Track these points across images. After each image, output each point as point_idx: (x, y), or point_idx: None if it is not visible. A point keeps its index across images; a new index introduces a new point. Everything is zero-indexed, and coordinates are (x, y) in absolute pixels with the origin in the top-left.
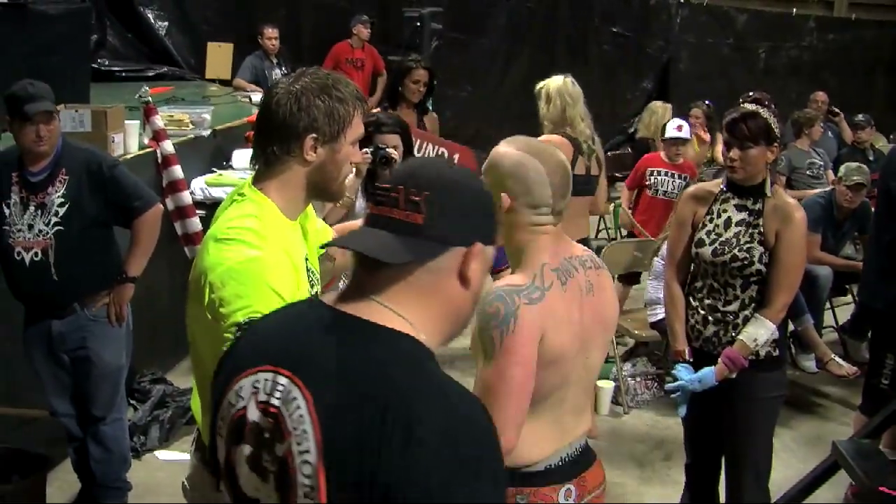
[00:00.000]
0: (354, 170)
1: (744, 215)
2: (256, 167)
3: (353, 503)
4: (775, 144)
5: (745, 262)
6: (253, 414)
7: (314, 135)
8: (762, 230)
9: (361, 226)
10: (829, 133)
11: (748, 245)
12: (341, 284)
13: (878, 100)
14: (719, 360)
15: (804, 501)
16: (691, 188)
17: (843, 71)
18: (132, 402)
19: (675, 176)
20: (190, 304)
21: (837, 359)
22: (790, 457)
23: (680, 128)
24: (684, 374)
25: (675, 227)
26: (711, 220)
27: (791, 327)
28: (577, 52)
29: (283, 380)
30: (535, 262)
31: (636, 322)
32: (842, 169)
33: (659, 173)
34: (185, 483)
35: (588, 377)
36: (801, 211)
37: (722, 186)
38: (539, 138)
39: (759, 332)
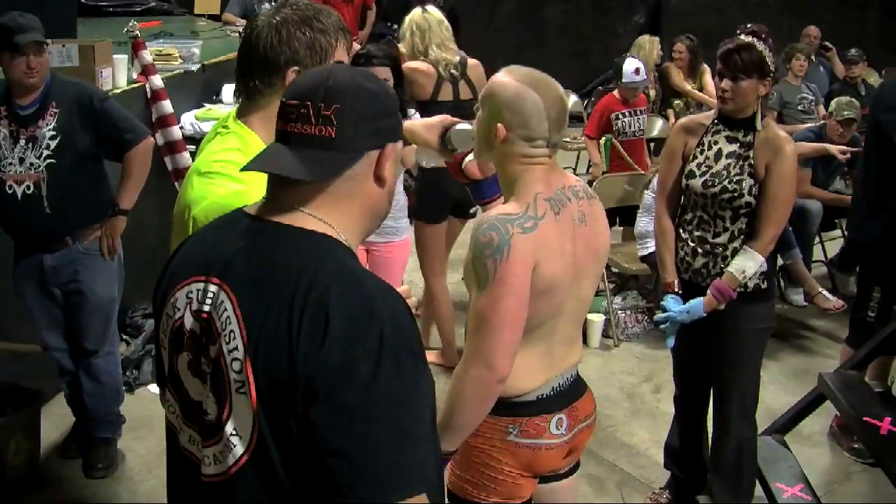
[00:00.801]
0: None
1: (734, 147)
2: (240, 100)
3: (280, 394)
4: (768, 78)
5: (735, 194)
6: (189, 322)
7: (296, 67)
8: (752, 162)
9: (274, 143)
10: (821, 68)
11: (738, 177)
12: None
13: (871, 35)
14: (708, 291)
15: (791, 432)
16: (683, 120)
17: (835, 6)
18: (125, 336)
19: (638, 112)
20: (174, 238)
21: (825, 292)
22: (778, 389)
23: (637, 71)
24: (673, 305)
25: (666, 159)
26: (702, 152)
27: (780, 261)
28: None
29: (212, 287)
30: (528, 192)
31: (626, 256)
32: (833, 104)
33: (623, 115)
34: None
35: (580, 308)
36: (792, 144)
37: (714, 118)
38: (404, 66)
39: (748, 265)
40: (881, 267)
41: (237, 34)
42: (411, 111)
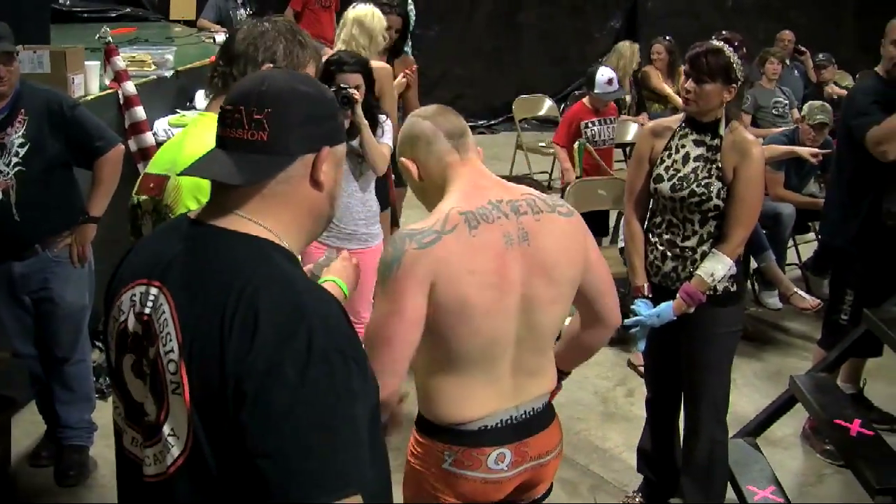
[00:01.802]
0: None
1: (702, 150)
2: (211, 95)
3: (212, 396)
4: (733, 85)
5: (704, 198)
6: (132, 324)
7: (271, 65)
8: (720, 165)
9: (213, 149)
10: (796, 72)
11: (706, 180)
12: None
13: (847, 39)
14: (678, 295)
15: (764, 434)
16: (650, 123)
17: (811, 10)
18: (97, 343)
19: (608, 121)
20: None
21: (801, 292)
22: (752, 391)
23: (610, 81)
24: (643, 309)
25: (634, 162)
26: (670, 156)
27: (753, 264)
28: None
29: (153, 290)
30: (445, 206)
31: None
32: (805, 108)
33: (593, 124)
34: None
35: (538, 336)
36: (759, 147)
37: (681, 122)
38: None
39: (717, 268)
40: (853, 270)
41: (211, 40)
42: (383, 117)
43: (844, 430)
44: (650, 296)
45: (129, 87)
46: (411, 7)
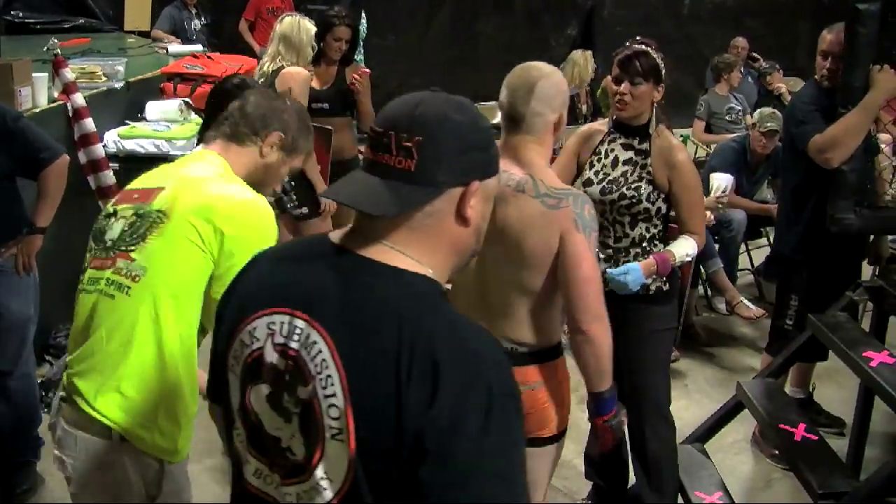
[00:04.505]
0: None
1: (630, 154)
2: (215, 134)
3: (383, 446)
4: (661, 85)
5: (634, 201)
6: (270, 356)
7: (282, 134)
8: (650, 170)
9: (358, 170)
10: (749, 79)
11: (636, 184)
12: None
13: (803, 46)
14: (650, 257)
15: (714, 440)
16: (582, 128)
17: (766, 17)
18: (47, 357)
19: None
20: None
21: (746, 301)
22: (703, 398)
23: None
24: (610, 270)
25: (562, 158)
26: (599, 160)
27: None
28: None
29: (300, 323)
30: None
31: None
32: (756, 115)
33: None
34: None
35: (492, 287)
36: (684, 151)
37: (609, 127)
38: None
39: (688, 250)
40: (799, 275)
41: (164, 51)
42: None
43: (789, 435)
44: None
45: (79, 98)
46: (363, 19)
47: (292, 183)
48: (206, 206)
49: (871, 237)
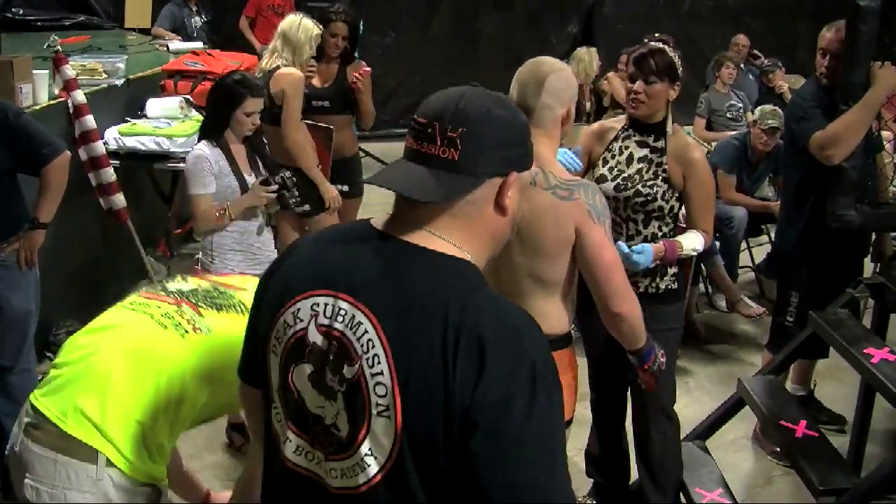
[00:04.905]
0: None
1: (646, 152)
2: None
3: (430, 422)
4: (677, 84)
5: (649, 198)
6: (314, 336)
7: None
8: (666, 168)
9: (401, 159)
10: (751, 76)
11: (651, 181)
12: None
13: (803, 44)
14: (661, 243)
15: (716, 437)
16: (594, 125)
17: (767, 15)
18: (48, 354)
19: None
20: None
21: (746, 299)
22: (703, 395)
23: None
24: (624, 246)
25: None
26: (613, 157)
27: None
28: None
29: (343, 304)
30: None
31: None
32: (757, 112)
33: None
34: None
35: (508, 273)
36: (700, 150)
37: (624, 124)
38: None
39: (696, 245)
40: (799, 272)
41: (164, 48)
42: None
43: (790, 432)
44: None
45: (79, 96)
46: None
47: (294, 180)
48: None
49: (874, 234)
